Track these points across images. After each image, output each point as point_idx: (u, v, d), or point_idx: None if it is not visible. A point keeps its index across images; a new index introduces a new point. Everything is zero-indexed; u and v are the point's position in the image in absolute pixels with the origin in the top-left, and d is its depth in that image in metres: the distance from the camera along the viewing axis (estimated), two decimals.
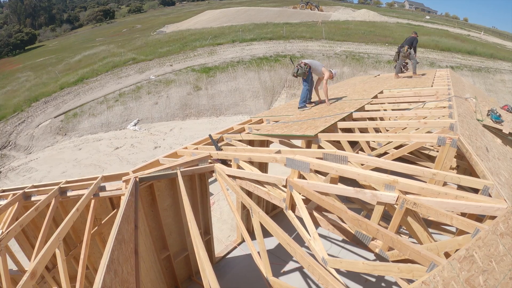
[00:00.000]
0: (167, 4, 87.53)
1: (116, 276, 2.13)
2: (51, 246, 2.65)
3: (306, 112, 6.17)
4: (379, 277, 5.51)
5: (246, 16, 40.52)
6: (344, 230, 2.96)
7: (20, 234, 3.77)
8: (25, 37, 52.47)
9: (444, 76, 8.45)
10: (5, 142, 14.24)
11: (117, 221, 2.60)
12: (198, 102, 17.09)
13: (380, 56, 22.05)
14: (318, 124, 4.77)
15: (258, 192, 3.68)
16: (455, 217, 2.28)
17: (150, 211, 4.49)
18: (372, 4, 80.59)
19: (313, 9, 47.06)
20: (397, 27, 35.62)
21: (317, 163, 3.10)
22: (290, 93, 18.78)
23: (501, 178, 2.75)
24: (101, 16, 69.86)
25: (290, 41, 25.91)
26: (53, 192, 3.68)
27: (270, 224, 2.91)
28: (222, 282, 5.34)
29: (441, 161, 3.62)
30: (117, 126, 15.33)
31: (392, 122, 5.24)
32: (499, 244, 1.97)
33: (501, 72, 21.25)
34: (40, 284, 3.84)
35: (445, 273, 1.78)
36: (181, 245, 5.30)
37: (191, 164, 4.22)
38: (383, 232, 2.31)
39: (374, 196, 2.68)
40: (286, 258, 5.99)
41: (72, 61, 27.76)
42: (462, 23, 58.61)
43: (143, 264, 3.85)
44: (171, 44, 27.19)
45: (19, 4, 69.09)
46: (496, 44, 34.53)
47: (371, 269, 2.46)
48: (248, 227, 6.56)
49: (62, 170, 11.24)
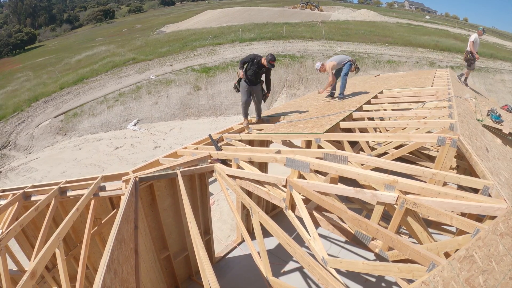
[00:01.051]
0: (167, 4, 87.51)
1: (116, 276, 2.13)
2: (51, 246, 2.65)
3: (306, 112, 6.18)
4: (379, 277, 5.51)
5: (246, 16, 40.52)
6: (344, 230, 2.96)
7: (20, 234, 3.77)
8: (25, 37, 52.47)
9: (444, 76, 8.45)
10: (5, 142, 14.24)
11: (117, 221, 2.60)
12: (198, 102, 17.09)
13: (380, 56, 22.04)
14: (324, 122, 4.78)
15: (258, 192, 3.68)
16: (455, 217, 2.28)
17: (150, 211, 4.49)
18: (372, 4, 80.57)
19: (313, 9, 47.06)
20: (397, 27, 35.64)
21: (317, 163, 3.10)
22: (290, 93, 18.78)
23: (501, 178, 2.75)
24: (101, 16, 69.84)
25: (290, 41, 25.91)
26: (53, 192, 3.68)
27: (270, 224, 2.90)
28: (222, 282, 5.34)
29: (441, 161, 3.61)
30: (117, 126, 15.33)
31: (392, 122, 5.24)
32: (499, 244, 1.97)
33: (501, 72, 21.26)
34: (40, 284, 3.84)
35: (445, 273, 1.78)
36: (181, 245, 5.30)
37: (191, 164, 4.22)
38: (383, 232, 2.31)
39: (374, 196, 2.68)
40: (286, 258, 5.99)
41: (72, 61, 27.75)
42: (462, 23, 58.60)
43: (143, 264, 3.85)
44: (171, 44, 27.19)
45: (19, 4, 69.06)
46: (496, 44, 34.55)
47: (371, 269, 2.46)
48: (248, 227, 6.56)
49: (62, 170, 11.24)
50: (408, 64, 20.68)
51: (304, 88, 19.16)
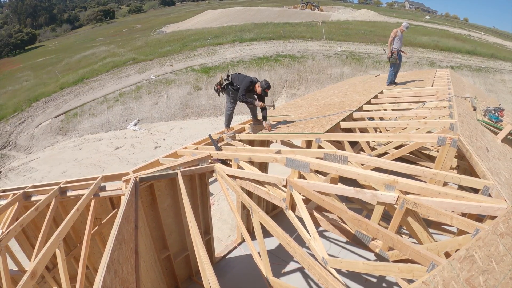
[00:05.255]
0: (167, 4, 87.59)
1: (116, 276, 2.13)
2: (51, 246, 2.65)
3: (307, 111, 6.18)
4: (379, 277, 5.51)
5: (246, 16, 40.53)
6: (344, 230, 2.96)
7: (20, 234, 3.78)
8: (25, 37, 52.53)
9: (444, 76, 8.45)
10: (5, 142, 14.25)
11: (117, 221, 2.60)
12: (198, 102, 17.09)
13: (380, 56, 22.02)
14: (324, 122, 4.78)
15: (258, 192, 3.68)
16: (455, 217, 2.28)
17: (150, 211, 4.49)
18: (372, 4, 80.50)
19: (313, 9, 47.04)
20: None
21: (317, 163, 3.10)
22: (290, 93, 18.78)
23: (501, 178, 2.75)
24: (101, 16, 69.90)
25: (290, 41, 25.91)
26: (53, 192, 3.68)
27: (270, 224, 2.90)
28: (222, 282, 5.34)
29: (441, 161, 3.61)
30: (117, 126, 15.33)
31: (392, 122, 5.24)
32: (499, 244, 1.97)
33: (501, 72, 21.24)
34: (40, 284, 3.84)
35: (445, 273, 1.78)
36: (181, 245, 5.30)
37: (191, 164, 4.22)
38: (383, 232, 2.31)
39: (374, 196, 2.68)
40: (286, 258, 5.99)
41: (72, 61, 27.78)
42: (462, 23, 58.58)
43: (143, 264, 3.85)
44: (171, 44, 27.20)
45: (20, 4, 69.12)
46: (496, 44, 34.53)
47: (371, 269, 2.46)
48: (248, 227, 6.56)
49: (62, 170, 11.24)
50: (408, 64, 20.67)
51: (304, 88, 19.17)
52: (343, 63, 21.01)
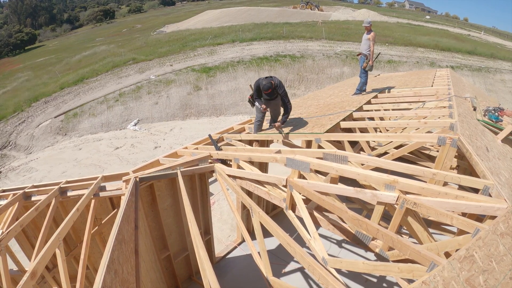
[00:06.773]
0: (167, 4, 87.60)
1: (116, 276, 2.13)
2: (51, 246, 2.65)
3: (307, 111, 6.18)
4: (379, 277, 5.51)
5: (246, 16, 40.52)
6: (344, 230, 2.96)
7: (20, 234, 3.78)
8: (25, 37, 52.51)
9: (444, 76, 8.45)
10: (5, 142, 14.25)
11: (117, 221, 2.60)
12: (198, 102, 17.09)
13: (380, 56, 21.98)
14: (324, 122, 4.78)
15: (258, 192, 3.68)
16: (455, 217, 2.28)
17: (150, 211, 4.49)
18: (372, 4, 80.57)
19: (313, 9, 47.06)
20: (397, 27, 35.62)
21: (317, 163, 3.10)
22: (290, 93, 18.77)
23: (501, 178, 2.75)
24: (101, 16, 69.90)
25: (290, 41, 25.91)
26: (53, 192, 3.68)
27: (270, 224, 2.90)
28: (222, 282, 5.34)
29: (441, 161, 3.61)
30: (117, 126, 15.33)
31: (392, 122, 5.24)
32: (499, 244, 1.97)
33: (501, 72, 21.24)
34: (40, 284, 3.84)
35: (445, 273, 1.78)
36: (181, 245, 5.30)
37: (191, 164, 4.22)
38: (383, 232, 2.31)
39: (374, 196, 2.68)
40: (286, 258, 5.99)
41: (72, 61, 27.78)
42: (462, 23, 58.60)
43: (143, 264, 3.86)
44: (171, 44, 27.20)
45: (19, 4, 69.11)
46: (496, 44, 34.54)
47: (371, 269, 2.46)
48: (248, 227, 6.56)
49: (62, 170, 11.24)
50: (408, 64, 20.67)
51: (304, 88, 19.17)
52: (343, 63, 21.01)
